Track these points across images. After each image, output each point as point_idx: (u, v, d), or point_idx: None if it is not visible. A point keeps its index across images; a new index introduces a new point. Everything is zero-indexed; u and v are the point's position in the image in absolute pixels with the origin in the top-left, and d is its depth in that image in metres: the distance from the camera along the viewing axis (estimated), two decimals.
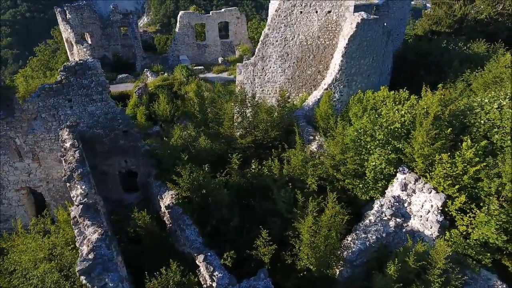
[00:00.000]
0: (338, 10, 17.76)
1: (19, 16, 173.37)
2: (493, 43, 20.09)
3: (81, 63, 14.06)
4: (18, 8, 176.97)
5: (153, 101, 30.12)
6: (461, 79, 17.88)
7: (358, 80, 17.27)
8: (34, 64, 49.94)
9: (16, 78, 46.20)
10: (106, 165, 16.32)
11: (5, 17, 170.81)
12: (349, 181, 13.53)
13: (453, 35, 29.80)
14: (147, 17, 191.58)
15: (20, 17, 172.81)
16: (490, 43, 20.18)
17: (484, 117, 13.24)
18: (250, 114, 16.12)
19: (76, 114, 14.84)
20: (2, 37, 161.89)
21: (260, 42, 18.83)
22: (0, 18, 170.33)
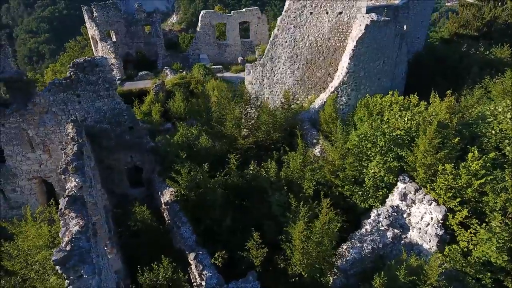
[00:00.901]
0: (349, 11, 17.29)
1: (57, 13, 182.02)
2: None
3: (89, 60, 14.53)
4: (57, 5, 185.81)
5: (169, 98, 30.74)
6: (479, 86, 16.91)
7: (367, 84, 16.74)
8: (64, 60, 52.33)
9: (46, 72, 48.62)
10: (112, 159, 16.77)
11: (45, 14, 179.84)
12: (348, 188, 13.13)
13: (481, 39, 28.33)
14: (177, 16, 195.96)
15: (58, 14, 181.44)
16: None
17: (497, 127, 12.45)
18: (254, 115, 16.04)
19: (84, 109, 15.36)
20: (41, 32, 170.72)
21: (269, 43, 18.69)
22: (40, 15, 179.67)
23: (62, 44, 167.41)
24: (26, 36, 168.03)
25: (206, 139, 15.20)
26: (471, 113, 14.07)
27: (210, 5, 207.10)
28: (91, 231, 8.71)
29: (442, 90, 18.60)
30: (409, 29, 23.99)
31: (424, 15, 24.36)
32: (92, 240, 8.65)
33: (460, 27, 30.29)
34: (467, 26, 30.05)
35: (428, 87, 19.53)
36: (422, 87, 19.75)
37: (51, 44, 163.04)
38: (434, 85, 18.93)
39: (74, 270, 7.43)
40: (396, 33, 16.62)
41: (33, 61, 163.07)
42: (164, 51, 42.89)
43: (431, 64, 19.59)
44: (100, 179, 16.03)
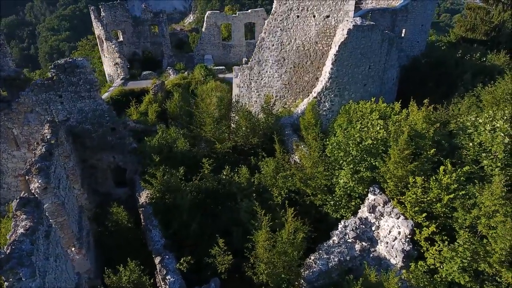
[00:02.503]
0: (337, 15, 16.90)
1: (78, 11, 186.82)
2: None
3: (70, 61, 14.76)
4: (78, 4, 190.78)
5: (168, 99, 30.97)
6: (471, 94, 16.19)
7: (351, 89, 16.31)
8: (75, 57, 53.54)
9: None
10: (95, 159, 16.99)
11: (66, 12, 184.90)
12: (320, 197, 12.80)
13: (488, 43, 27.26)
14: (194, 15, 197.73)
15: (79, 13, 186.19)
16: None
17: (477, 138, 11.86)
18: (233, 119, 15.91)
19: (67, 109, 15.61)
20: (62, 30, 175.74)
21: (257, 46, 18.50)
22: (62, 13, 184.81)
23: None
24: (47, 34, 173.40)
25: (183, 142, 15.16)
26: (455, 122, 13.48)
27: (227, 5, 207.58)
28: (41, 233, 8.79)
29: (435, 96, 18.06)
30: (408, 32, 23.32)
31: (424, 18, 23.56)
32: (42, 242, 8.74)
33: (467, 31, 29.21)
34: (474, 30, 28.95)
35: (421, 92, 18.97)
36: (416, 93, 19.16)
37: (71, 42, 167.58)
38: (428, 91, 18.34)
39: (13, 273, 7.50)
40: (383, 38, 16.09)
41: (54, 58, 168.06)
42: (170, 51, 43.24)
43: (425, 69, 18.90)
44: (80, 179, 16.26)
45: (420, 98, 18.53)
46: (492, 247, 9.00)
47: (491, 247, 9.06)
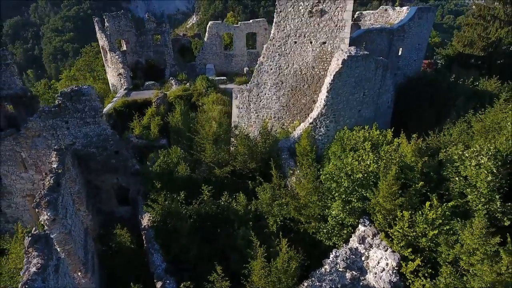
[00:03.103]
0: (333, 42, 17.46)
1: (82, 12, 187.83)
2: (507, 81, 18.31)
3: (76, 90, 15.42)
4: (81, 5, 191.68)
5: (170, 111, 31.62)
6: (463, 120, 16.70)
7: (346, 116, 16.87)
8: (79, 64, 54.35)
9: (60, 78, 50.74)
10: (100, 180, 17.69)
11: (70, 13, 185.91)
12: (313, 225, 13.42)
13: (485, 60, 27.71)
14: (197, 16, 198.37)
15: (83, 14, 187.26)
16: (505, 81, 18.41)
17: (464, 172, 12.41)
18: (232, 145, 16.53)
19: (72, 134, 16.30)
20: (66, 31, 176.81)
21: (256, 70, 19.09)
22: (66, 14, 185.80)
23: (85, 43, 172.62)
24: (52, 35, 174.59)
25: (184, 167, 15.81)
26: (445, 152, 14.01)
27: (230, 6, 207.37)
28: (51, 269, 9.47)
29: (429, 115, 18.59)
30: (405, 51, 23.83)
31: (420, 38, 24.05)
32: (52, 277, 9.42)
33: (465, 46, 29.64)
34: (472, 46, 29.38)
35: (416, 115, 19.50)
36: (410, 115, 19.71)
37: (74, 42, 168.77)
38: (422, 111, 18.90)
39: None
40: (377, 65, 16.63)
41: (58, 59, 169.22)
42: (172, 60, 43.86)
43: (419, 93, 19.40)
44: (86, 200, 16.97)
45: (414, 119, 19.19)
46: (471, 285, 9.57)
47: (470, 284, 9.64)
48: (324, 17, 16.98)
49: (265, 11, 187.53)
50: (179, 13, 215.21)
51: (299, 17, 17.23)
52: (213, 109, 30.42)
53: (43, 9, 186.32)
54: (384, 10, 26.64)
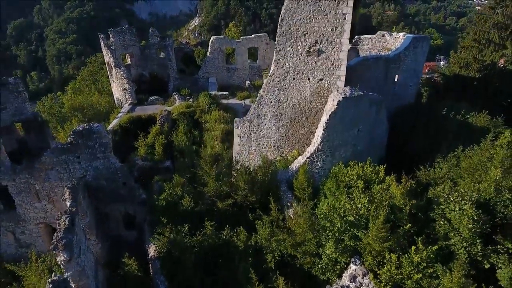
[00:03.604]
0: (329, 79, 18.38)
1: (85, 14, 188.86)
2: (496, 117, 19.14)
3: (87, 128, 16.43)
4: (85, 7, 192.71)
5: (174, 129, 32.62)
6: (452, 155, 17.56)
7: (342, 150, 17.80)
8: (84, 74, 55.38)
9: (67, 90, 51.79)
10: (108, 209, 18.73)
11: (73, 15, 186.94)
12: (309, 261, 14.38)
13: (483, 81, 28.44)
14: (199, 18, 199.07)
15: (86, 15, 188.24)
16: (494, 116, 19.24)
17: (449, 214, 13.34)
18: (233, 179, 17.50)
19: (83, 168, 17.34)
20: (69, 33, 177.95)
21: (256, 102, 20.01)
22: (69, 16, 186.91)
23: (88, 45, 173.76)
24: (55, 37, 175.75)
25: (188, 200, 16.81)
26: (433, 189, 14.91)
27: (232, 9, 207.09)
28: None
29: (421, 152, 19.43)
30: (401, 78, 24.69)
31: (416, 64, 24.88)
32: None
33: (461, 68, 30.44)
34: (468, 67, 30.18)
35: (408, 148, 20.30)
36: (403, 147, 20.53)
37: (78, 44, 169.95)
38: (414, 146, 19.76)
39: None
40: (372, 103, 17.54)
41: (61, 61, 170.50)
42: (176, 74, 44.82)
43: (411, 126, 20.26)
44: (95, 227, 18.03)
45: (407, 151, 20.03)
46: None
47: None
48: (321, 56, 17.90)
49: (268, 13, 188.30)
50: (181, 14, 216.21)
51: (297, 55, 18.16)
52: (215, 128, 31.46)
53: (47, 11, 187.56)
54: (382, 35, 27.50)
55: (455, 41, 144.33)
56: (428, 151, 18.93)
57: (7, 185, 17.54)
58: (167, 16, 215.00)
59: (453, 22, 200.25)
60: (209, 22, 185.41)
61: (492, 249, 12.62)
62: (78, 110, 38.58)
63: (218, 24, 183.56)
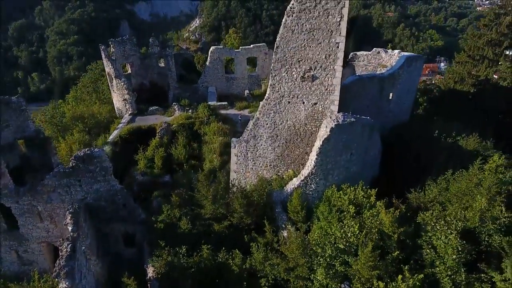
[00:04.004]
0: (323, 103, 18.90)
1: (86, 15, 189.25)
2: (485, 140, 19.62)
3: (88, 153, 17.00)
4: (86, 8, 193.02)
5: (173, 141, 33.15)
6: (442, 178, 18.07)
7: (335, 173, 18.34)
8: (85, 81, 55.95)
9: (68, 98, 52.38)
10: (108, 228, 19.31)
11: (74, 16, 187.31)
12: (302, 284, 14.95)
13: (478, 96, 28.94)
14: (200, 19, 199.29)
15: (87, 16, 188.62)
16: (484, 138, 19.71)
17: (436, 242, 13.88)
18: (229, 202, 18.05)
19: (84, 190, 17.92)
20: (70, 34, 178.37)
21: (252, 124, 20.53)
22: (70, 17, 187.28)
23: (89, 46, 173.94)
24: (56, 38, 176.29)
25: (186, 222, 17.39)
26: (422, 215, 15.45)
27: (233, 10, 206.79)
28: None
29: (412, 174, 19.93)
30: (395, 96, 25.19)
31: (410, 82, 25.40)
32: None
33: (455, 83, 30.95)
34: (462, 82, 30.69)
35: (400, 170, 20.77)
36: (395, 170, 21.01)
37: (79, 46, 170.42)
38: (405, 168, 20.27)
39: None
40: (364, 128, 18.07)
41: (62, 62, 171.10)
42: (176, 83, 45.35)
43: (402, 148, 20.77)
44: (96, 247, 18.63)
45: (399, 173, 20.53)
46: None
47: None
48: (315, 82, 18.43)
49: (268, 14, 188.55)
50: (182, 15, 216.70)
51: (292, 81, 18.68)
52: (214, 141, 32.03)
53: (48, 12, 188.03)
54: (377, 52, 27.98)
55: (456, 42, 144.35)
56: (420, 173, 19.43)
57: (10, 206, 18.12)
58: (168, 17, 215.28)
59: (453, 23, 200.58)
60: (209, 23, 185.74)
61: (476, 277, 13.19)
62: (79, 120, 39.05)
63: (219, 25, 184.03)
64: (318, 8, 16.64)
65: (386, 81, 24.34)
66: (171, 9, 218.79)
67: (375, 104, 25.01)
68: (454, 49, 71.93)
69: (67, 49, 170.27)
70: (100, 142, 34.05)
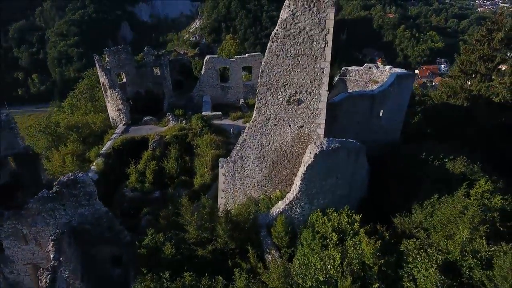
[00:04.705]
0: (310, 126, 18.83)
1: (87, 16, 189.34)
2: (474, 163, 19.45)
3: (71, 179, 16.97)
4: (86, 9, 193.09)
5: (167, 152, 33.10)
6: (428, 202, 17.95)
7: (320, 198, 18.24)
8: (82, 87, 55.96)
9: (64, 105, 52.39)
10: (94, 250, 19.28)
11: (75, 17, 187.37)
12: None
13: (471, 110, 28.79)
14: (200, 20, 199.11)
15: (87, 18, 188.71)
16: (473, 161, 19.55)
17: (417, 274, 13.81)
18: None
19: (69, 214, 17.88)
20: (71, 36, 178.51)
21: (239, 145, 20.48)
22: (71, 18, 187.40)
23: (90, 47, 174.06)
24: (56, 39, 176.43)
25: (169, 247, 17.34)
26: (404, 244, 15.37)
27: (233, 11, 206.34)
28: None
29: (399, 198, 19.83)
30: (386, 113, 25.07)
31: (401, 100, 25.28)
32: None
33: (448, 97, 30.80)
34: (454, 96, 30.55)
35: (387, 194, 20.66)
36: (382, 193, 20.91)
37: (79, 47, 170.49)
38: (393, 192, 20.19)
39: None
40: (350, 151, 17.97)
41: (62, 63, 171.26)
42: (171, 92, 45.36)
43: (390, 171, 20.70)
44: (81, 269, 18.63)
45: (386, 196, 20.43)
46: None
47: None
48: (301, 105, 18.35)
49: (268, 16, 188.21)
50: (182, 16, 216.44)
51: (278, 104, 18.61)
52: (206, 154, 31.97)
53: (48, 13, 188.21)
54: (368, 68, 27.86)
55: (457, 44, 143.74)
56: (408, 196, 19.33)
57: None
58: (168, 18, 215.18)
59: (454, 25, 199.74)
60: (210, 24, 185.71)
61: None
62: (74, 130, 39.07)
63: (219, 27, 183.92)
64: (303, 34, 16.55)
65: (377, 99, 24.22)
66: (171, 10, 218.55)
67: (366, 120, 24.93)
68: (455, 51, 71.65)
69: (67, 50, 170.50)
70: (93, 154, 34.09)
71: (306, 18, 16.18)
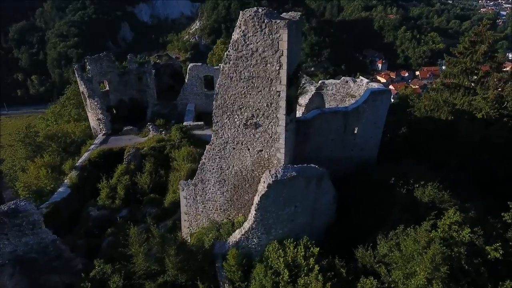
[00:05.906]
0: (269, 150, 17.79)
1: (87, 17, 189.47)
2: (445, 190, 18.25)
3: (12, 208, 16.10)
4: (86, 10, 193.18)
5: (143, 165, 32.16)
6: (394, 233, 16.84)
7: (277, 227, 17.17)
8: (69, 93, 55.24)
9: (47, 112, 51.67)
10: (42, 280, 18.40)
11: (75, 18, 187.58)
12: None
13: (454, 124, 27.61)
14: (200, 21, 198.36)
15: (87, 19, 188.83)
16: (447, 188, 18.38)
17: None
18: None
19: (13, 244, 17.00)
20: (71, 36, 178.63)
21: (199, 168, 19.52)
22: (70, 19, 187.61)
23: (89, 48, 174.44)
24: (56, 40, 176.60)
25: (117, 280, 16.41)
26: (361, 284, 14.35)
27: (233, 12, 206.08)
28: None
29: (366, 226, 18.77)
30: (361, 130, 23.96)
31: (377, 117, 24.09)
32: None
33: (431, 110, 29.56)
34: (438, 110, 29.30)
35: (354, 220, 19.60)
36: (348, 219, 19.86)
37: (79, 48, 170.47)
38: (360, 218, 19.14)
39: None
40: (309, 180, 16.90)
41: (62, 64, 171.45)
42: (155, 100, 44.51)
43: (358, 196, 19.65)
44: None
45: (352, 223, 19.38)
46: None
47: None
48: (259, 129, 17.32)
49: None
50: (182, 17, 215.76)
51: (235, 127, 17.60)
52: (182, 168, 30.93)
53: (49, 14, 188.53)
54: (345, 82, 26.74)
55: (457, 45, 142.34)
56: (376, 224, 18.28)
57: None
58: (168, 19, 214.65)
59: (456, 26, 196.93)
60: (209, 25, 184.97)
61: None
62: (53, 139, 38.32)
63: (219, 27, 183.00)
64: (255, 56, 15.52)
65: (350, 116, 23.14)
66: (171, 11, 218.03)
67: (340, 138, 23.89)
68: None
69: (66, 51, 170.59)
70: (68, 166, 33.22)
71: (258, 39, 15.14)
